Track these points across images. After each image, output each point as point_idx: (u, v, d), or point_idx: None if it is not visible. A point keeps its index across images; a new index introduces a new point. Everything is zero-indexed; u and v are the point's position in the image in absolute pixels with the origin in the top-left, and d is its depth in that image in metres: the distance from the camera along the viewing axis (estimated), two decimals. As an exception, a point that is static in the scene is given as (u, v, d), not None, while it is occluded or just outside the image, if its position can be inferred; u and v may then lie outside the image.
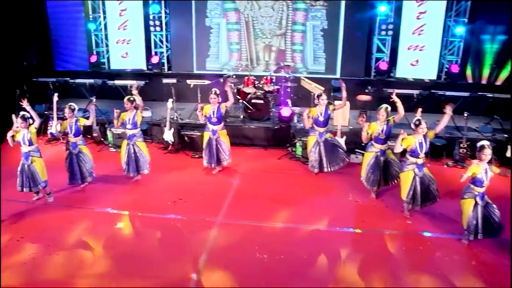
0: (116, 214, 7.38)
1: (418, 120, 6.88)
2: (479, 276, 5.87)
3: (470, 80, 11.53)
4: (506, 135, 9.41)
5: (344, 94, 8.37)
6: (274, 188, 8.27)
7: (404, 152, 7.22)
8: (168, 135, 9.95)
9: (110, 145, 10.44)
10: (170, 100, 9.88)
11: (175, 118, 10.66)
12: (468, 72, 11.53)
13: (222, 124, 8.69)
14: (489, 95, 10.44)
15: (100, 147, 10.43)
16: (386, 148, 7.67)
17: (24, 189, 7.49)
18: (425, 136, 6.85)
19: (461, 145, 9.29)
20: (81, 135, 8.07)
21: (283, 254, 6.22)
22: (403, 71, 11.75)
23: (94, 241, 6.65)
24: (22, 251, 6.34)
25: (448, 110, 7.06)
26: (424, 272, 5.95)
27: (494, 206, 6.31)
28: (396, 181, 7.59)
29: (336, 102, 10.00)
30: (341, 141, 8.98)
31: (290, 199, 7.86)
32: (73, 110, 7.98)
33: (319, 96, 8.40)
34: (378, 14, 11.65)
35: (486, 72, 11.36)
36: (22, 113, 7.40)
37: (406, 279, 5.81)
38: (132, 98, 8.19)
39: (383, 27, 11.58)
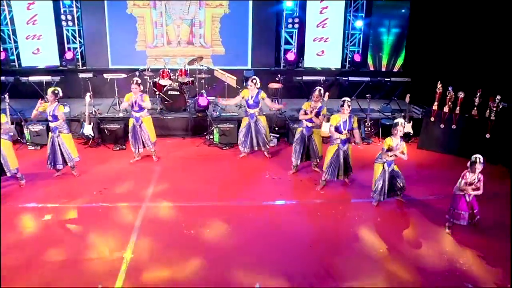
0: (41, 208, 7.38)
1: (342, 102, 7.64)
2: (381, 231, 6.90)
3: (372, 68, 12.78)
4: (403, 114, 10.59)
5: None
6: (195, 172, 8.81)
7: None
8: (88, 130, 10.01)
9: (28, 143, 10.28)
10: (88, 94, 9.90)
11: (94, 113, 10.75)
12: (370, 60, 12.76)
13: (145, 111, 9.00)
14: (387, 79, 11.74)
15: (17, 146, 10.20)
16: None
17: None
18: (350, 117, 7.68)
19: (366, 124, 10.43)
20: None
21: (208, 228, 6.79)
22: (310, 61, 12.74)
23: (25, 238, 6.63)
24: None
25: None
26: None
27: (399, 172, 7.39)
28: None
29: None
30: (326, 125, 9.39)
31: (211, 180, 8.41)
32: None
33: (247, 79, 9.20)
34: (285, 9, 12.49)
35: (385, 61, 12.69)
36: None
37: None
38: (56, 91, 8.20)
39: (290, 20, 12.47)
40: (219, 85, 11.33)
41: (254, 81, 8.90)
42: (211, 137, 10.22)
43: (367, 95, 10.33)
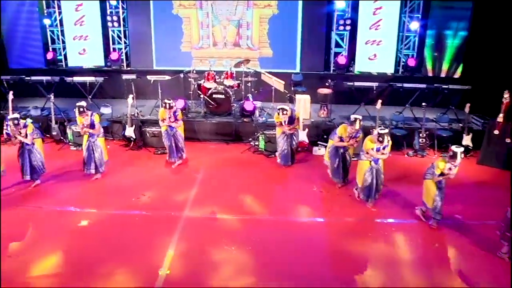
0: (79, 212, 7.20)
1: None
2: (443, 257, 6.20)
3: (430, 73, 11.90)
4: (461, 125, 9.78)
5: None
6: (238, 181, 8.32)
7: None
8: (130, 132, 9.82)
9: (70, 143, 10.19)
10: (131, 96, 9.75)
11: (136, 115, 10.52)
12: (426, 65, 11.89)
13: (180, 121, 8.83)
14: (445, 86, 10.83)
15: (60, 146, 10.19)
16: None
17: None
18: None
19: (421, 135, 9.60)
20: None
21: (251, 245, 6.28)
22: (362, 65, 12.02)
23: (56, 240, 6.44)
24: None
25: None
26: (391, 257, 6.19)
27: None
28: None
29: (297, 96, 10.25)
30: (303, 134, 9.13)
31: (256, 191, 7.92)
32: (17, 124, 7.67)
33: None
34: (336, 10, 11.85)
35: (442, 66, 11.80)
36: None
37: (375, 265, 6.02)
38: (82, 105, 8.04)
39: (341, 22, 11.79)
40: (266, 89, 10.82)
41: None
42: (257, 143, 9.73)
43: (423, 104, 9.55)
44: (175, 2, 12.16)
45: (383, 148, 6.99)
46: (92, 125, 8.03)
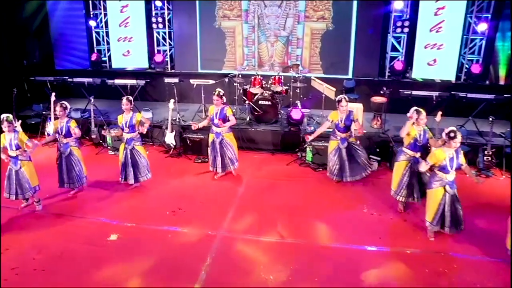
0: (109, 224, 6.77)
1: (453, 131, 5.85)
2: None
3: (502, 82, 10.68)
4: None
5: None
6: (282, 198, 7.58)
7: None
8: (170, 138, 9.37)
9: (109, 147, 9.90)
10: (172, 100, 9.31)
11: (178, 120, 10.07)
12: (502, 73, 10.68)
13: (228, 126, 8.03)
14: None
15: (98, 150, 9.96)
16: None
17: (11, 197, 6.96)
18: (457, 151, 5.93)
19: (486, 152, 8.53)
20: (73, 136, 7.45)
21: (291, 275, 5.56)
22: (420, 71, 11.02)
23: (83, 255, 6.01)
24: (5, 264, 5.77)
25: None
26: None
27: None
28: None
29: (349, 104, 9.40)
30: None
31: (299, 210, 7.15)
32: (65, 108, 7.43)
33: (339, 101, 7.62)
34: (393, 11, 10.94)
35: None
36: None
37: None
38: (130, 98, 7.63)
39: (399, 24, 10.86)
40: (316, 96, 10.09)
41: (346, 101, 7.59)
42: (304, 155, 8.99)
43: (490, 117, 8.42)
44: (218, 12, 11.61)
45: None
46: (131, 127, 7.58)
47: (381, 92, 9.65)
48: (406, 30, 10.90)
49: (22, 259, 5.89)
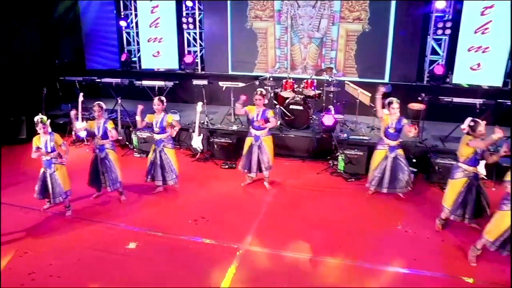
0: (129, 231, 6.52)
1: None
2: None
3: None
4: None
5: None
6: (311, 209, 7.13)
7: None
8: (197, 142, 9.09)
9: (135, 149, 9.71)
10: (200, 103, 9.04)
11: (205, 123, 9.78)
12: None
13: (267, 129, 7.59)
14: None
15: (124, 151, 9.78)
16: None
17: (40, 197, 6.84)
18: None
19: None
20: (109, 138, 7.20)
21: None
22: (461, 76, 10.33)
23: (99, 263, 5.79)
24: (22, 268, 5.66)
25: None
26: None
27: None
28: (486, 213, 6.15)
29: (385, 110, 8.85)
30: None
31: (328, 224, 6.67)
32: (102, 108, 7.19)
33: (390, 103, 7.03)
34: (434, 11, 10.31)
35: None
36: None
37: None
38: (162, 98, 7.35)
39: (440, 25, 10.21)
40: (350, 101, 9.58)
41: (398, 103, 6.95)
42: (335, 163, 8.50)
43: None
44: (250, 13, 11.25)
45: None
46: (162, 128, 7.32)
47: (419, 98, 9.02)
48: (447, 31, 10.24)
49: (39, 264, 5.74)
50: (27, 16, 11.24)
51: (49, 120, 6.70)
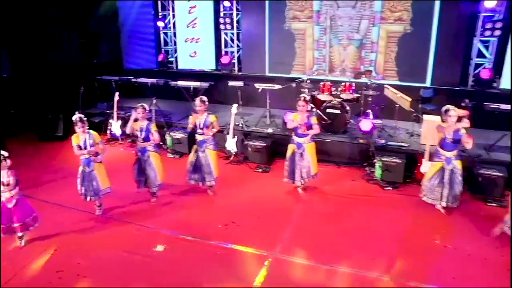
0: (158, 233, 6.47)
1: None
2: None
3: None
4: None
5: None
6: (345, 219, 6.86)
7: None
8: (231, 144, 8.94)
9: (168, 149, 9.68)
10: (235, 105, 8.88)
11: (240, 125, 9.65)
12: None
13: (310, 136, 7.37)
14: None
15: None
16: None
17: (82, 197, 6.85)
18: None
19: None
20: (151, 141, 7.15)
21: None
22: (510, 80, 9.76)
23: (126, 264, 5.77)
24: (51, 266, 5.73)
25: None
26: None
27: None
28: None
29: (425, 116, 8.47)
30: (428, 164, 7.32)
31: (362, 236, 6.37)
32: (145, 110, 7.12)
33: (446, 110, 6.59)
34: (483, 10, 9.74)
35: None
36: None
37: None
38: (204, 98, 7.22)
39: (488, 26, 9.61)
40: (389, 105, 9.20)
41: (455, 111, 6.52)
42: (372, 170, 8.18)
43: None
44: (287, 14, 11.02)
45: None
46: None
47: (462, 104, 8.50)
48: (497, 33, 9.60)
49: (68, 263, 5.79)
50: (68, 17, 11.46)
51: (85, 119, 6.74)
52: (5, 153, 5.90)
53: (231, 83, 10.35)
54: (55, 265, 5.73)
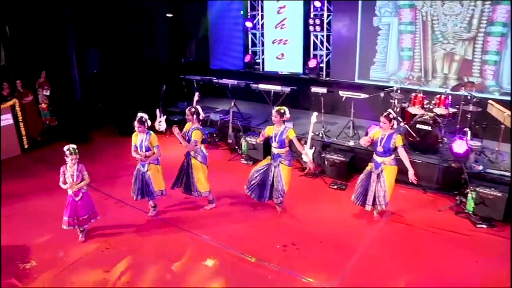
0: (210, 245, 6.07)
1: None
2: None
3: None
4: None
5: None
6: (423, 255, 5.83)
7: None
8: (308, 155, 8.27)
9: (243, 155, 9.28)
10: (315, 113, 8.29)
11: (320, 135, 8.95)
12: None
13: (393, 156, 6.49)
14: None
15: (232, 156, 9.52)
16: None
17: (134, 196, 6.73)
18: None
19: None
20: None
21: None
22: None
23: (169, 276, 5.47)
24: (99, 266, 5.62)
25: None
26: None
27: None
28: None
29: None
30: None
31: (442, 280, 5.31)
32: (191, 113, 6.75)
33: None
34: None
35: None
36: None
37: None
38: (282, 110, 6.55)
39: None
40: (491, 124, 7.79)
41: None
42: (463, 201, 6.93)
43: None
44: (377, 11, 10.08)
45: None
46: (281, 142, 6.60)
47: None
48: None
49: (116, 263, 5.68)
50: (157, 16, 11.59)
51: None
52: (74, 146, 5.93)
53: (314, 89, 9.64)
54: (102, 265, 5.62)
